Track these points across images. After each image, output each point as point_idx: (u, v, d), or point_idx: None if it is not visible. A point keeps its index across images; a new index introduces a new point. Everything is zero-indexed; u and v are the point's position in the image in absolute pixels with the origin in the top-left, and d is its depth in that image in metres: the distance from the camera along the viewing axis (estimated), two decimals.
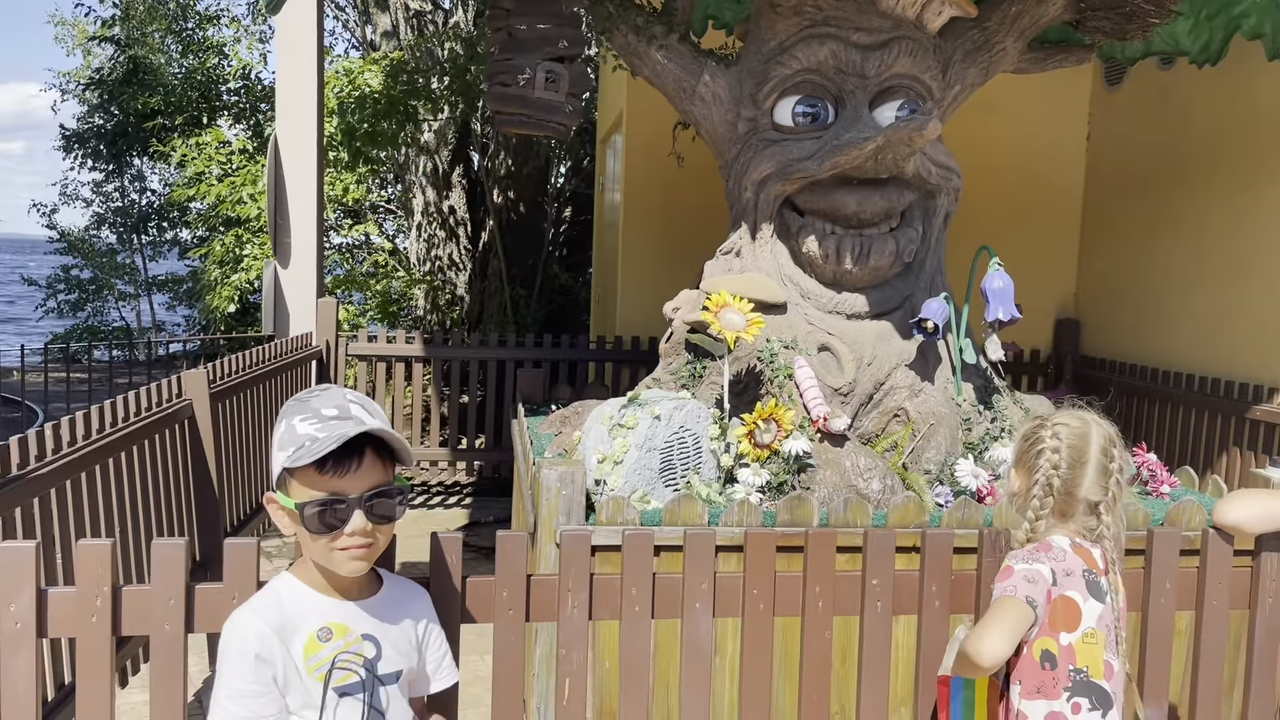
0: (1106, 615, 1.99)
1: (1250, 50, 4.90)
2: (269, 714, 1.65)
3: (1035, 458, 2.04)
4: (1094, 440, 2.02)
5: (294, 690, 1.66)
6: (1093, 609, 1.97)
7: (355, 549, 1.67)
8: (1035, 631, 1.97)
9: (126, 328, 15.96)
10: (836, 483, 3.48)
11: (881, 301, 4.07)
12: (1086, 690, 1.95)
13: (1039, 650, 1.97)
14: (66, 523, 3.01)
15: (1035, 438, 2.07)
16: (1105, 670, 1.97)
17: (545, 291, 11.02)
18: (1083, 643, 1.95)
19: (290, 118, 6.46)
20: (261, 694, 1.64)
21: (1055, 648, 1.96)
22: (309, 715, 1.67)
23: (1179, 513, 3.06)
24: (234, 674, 1.64)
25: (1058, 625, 1.96)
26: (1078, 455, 2.01)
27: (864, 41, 4.00)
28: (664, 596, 2.07)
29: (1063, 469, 2.01)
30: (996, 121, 6.65)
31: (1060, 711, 1.94)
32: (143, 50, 12.34)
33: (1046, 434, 2.05)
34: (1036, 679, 1.96)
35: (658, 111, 5.98)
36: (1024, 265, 5.64)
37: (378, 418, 1.71)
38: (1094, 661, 1.95)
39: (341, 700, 1.68)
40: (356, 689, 1.69)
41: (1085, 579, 1.98)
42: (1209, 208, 5.80)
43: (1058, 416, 2.08)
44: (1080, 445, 2.01)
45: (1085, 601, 1.97)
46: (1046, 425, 2.07)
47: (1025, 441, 2.10)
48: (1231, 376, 5.51)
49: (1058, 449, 2.02)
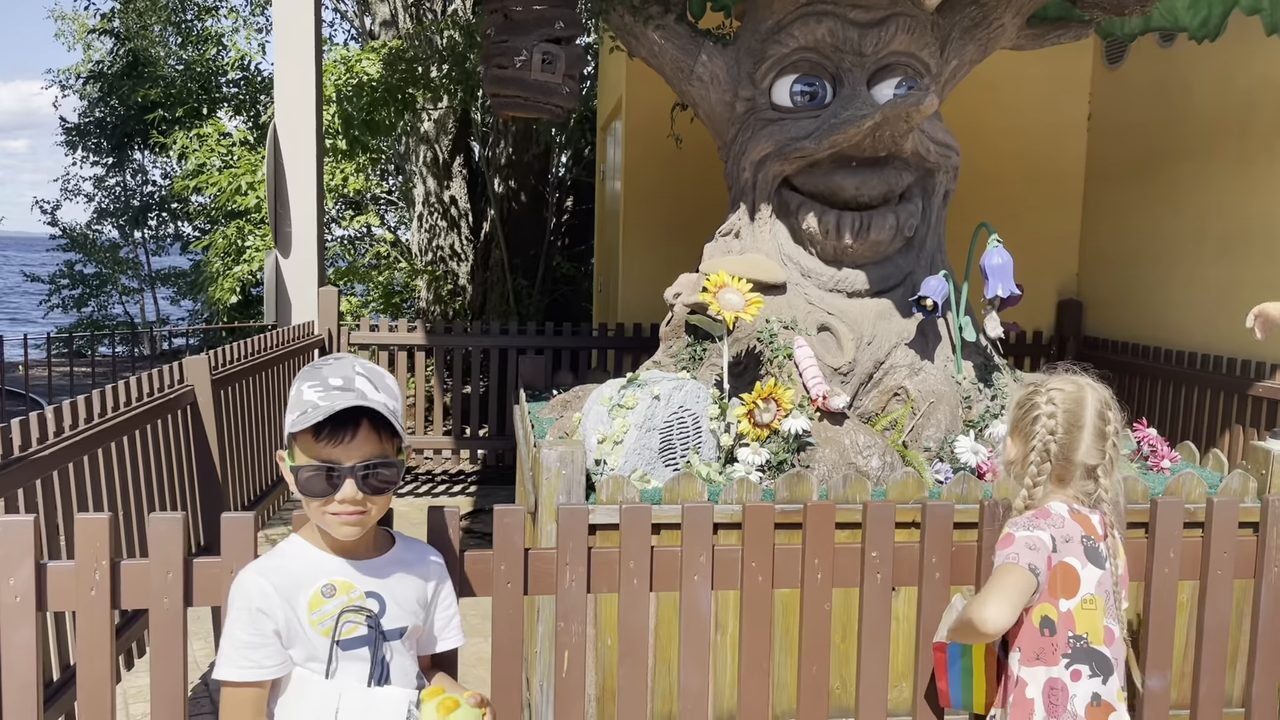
0: (1105, 580, 1.99)
1: (1249, 25, 4.88)
2: (269, 664, 1.70)
3: (1031, 424, 2.03)
4: (1089, 404, 2.01)
5: (299, 644, 1.71)
6: (1091, 575, 1.97)
7: (346, 515, 1.72)
8: (1036, 598, 1.96)
9: (131, 321, 16.00)
10: (836, 460, 3.48)
11: (882, 278, 4.06)
12: (1086, 657, 1.94)
13: (1038, 617, 1.96)
14: (69, 505, 3.02)
15: (1030, 404, 2.06)
16: (1105, 636, 1.96)
17: (547, 281, 11.02)
18: (1081, 608, 1.95)
19: (289, 107, 6.46)
20: (261, 645, 1.69)
21: (1055, 614, 1.95)
22: (315, 667, 1.72)
23: (1179, 484, 3.06)
24: (236, 626, 1.70)
25: (1057, 592, 1.96)
26: (1073, 419, 2.00)
27: (861, 19, 3.98)
28: (662, 569, 2.07)
29: (1059, 434, 2.00)
30: (997, 101, 6.63)
31: (1059, 678, 1.94)
32: (142, 43, 12.34)
33: (1041, 399, 2.04)
34: (1036, 645, 1.96)
35: (657, 97, 5.97)
36: (1026, 246, 5.63)
37: (384, 392, 1.74)
38: (1093, 628, 1.95)
39: (347, 653, 1.73)
40: (361, 643, 1.74)
41: (1084, 545, 1.98)
42: (1210, 186, 5.78)
43: (1051, 382, 2.07)
44: (1076, 409, 2.01)
45: (1084, 568, 1.97)
46: (1041, 391, 2.06)
47: (1020, 409, 2.08)
48: (1233, 354, 5.50)
49: (1053, 414, 2.01)
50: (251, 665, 1.69)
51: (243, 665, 1.69)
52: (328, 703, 1.71)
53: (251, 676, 1.69)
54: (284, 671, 1.72)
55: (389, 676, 1.77)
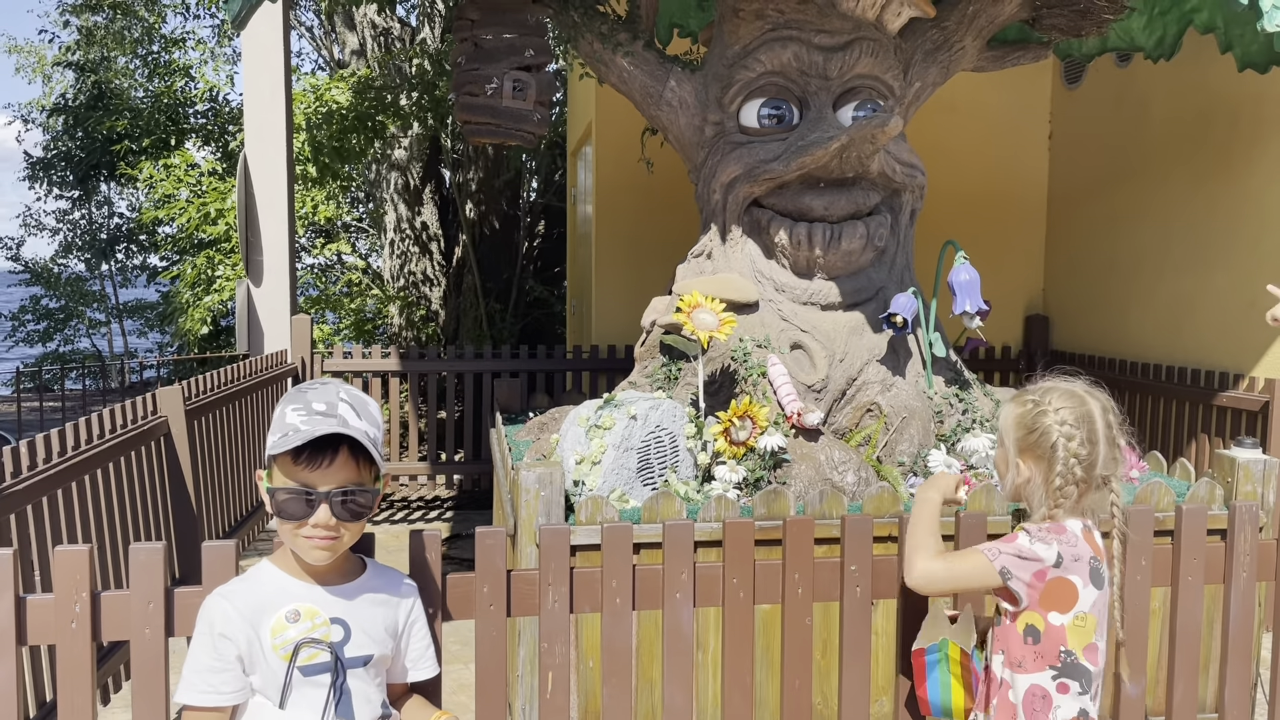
0: (1102, 601, 2.00)
1: (1204, 44, 5.01)
2: (228, 690, 1.70)
3: (1051, 449, 1.99)
4: (1098, 415, 2.01)
5: (259, 669, 1.72)
6: (1090, 595, 1.98)
7: (319, 539, 1.73)
8: (1023, 605, 1.98)
9: (98, 355, 15.82)
10: (812, 476, 3.52)
11: (855, 291, 4.11)
12: (1076, 673, 1.96)
13: (1023, 624, 1.98)
14: (44, 539, 2.99)
15: (1041, 427, 2.01)
16: (1089, 651, 1.98)
17: (520, 304, 11.04)
18: (1074, 625, 1.96)
19: (259, 136, 6.47)
20: (221, 670, 1.70)
21: (1042, 624, 1.97)
22: (273, 694, 1.72)
23: (1148, 493, 3.11)
24: (199, 650, 1.72)
25: (1049, 605, 1.97)
26: (1091, 436, 1.99)
27: (826, 43, 4.05)
28: (645, 588, 2.09)
29: (1084, 454, 1.98)
30: (960, 122, 6.75)
31: (1043, 686, 1.96)
32: (106, 74, 12.29)
33: (1053, 420, 2.00)
34: (1020, 651, 1.98)
35: (627, 122, 6.03)
36: (992, 264, 5.72)
37: (366, 419, 1.76)
38: (1081, 644, 1.97)
39: (306, 680, 1.73)
40: (321, 670, 1.74)
41: (1090, 565, 1.99)
42: (1171, 201, 5.91)
43: (1053, 399, 2.03)
44: (1090, 425, 1.99)
45: (1084, 587, 1.98)
46: (1048, 411, 2.01)
47: (1029, 431, 2.03)
48: (1198, 365, 5.60)
49: (1072, 436, 1.98)
50: (210, 690, 1.69)
51: (203, 690, 1.70)
52: None
53: (210, 702, 1.70)
54: (244, 698, 1.73)
55: (349, 704, 1.77)
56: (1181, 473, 3.66)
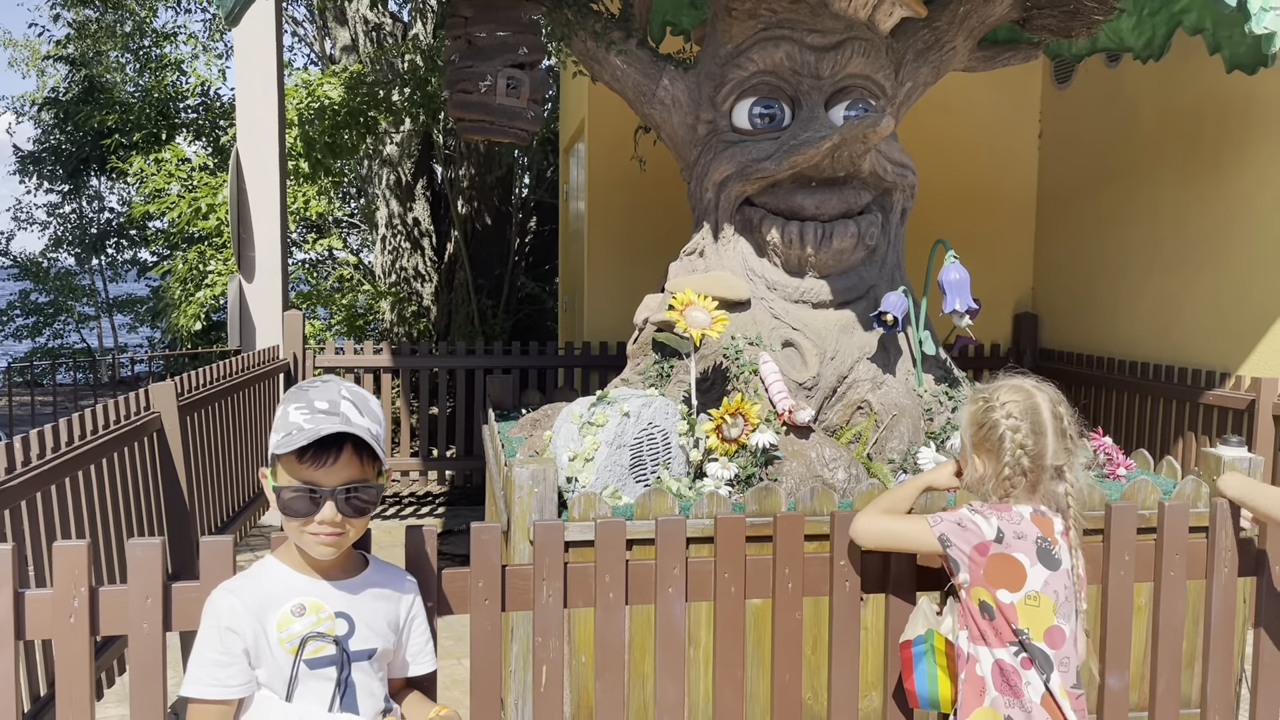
0: (1056, 581, 2.04)
1: (1193, 45, 5.05)
2: (234, 683, 1.72)
3: (998, 441, 2.07)
4: (1044, 407, 2.07)
5: (265, 662, 1.73)
6: (1039, 574, 2.03)
7: (325, 535, 1.75)
8: (968, 580, 2.04)
9: (88, 349, 15.78)
10: (803, 473, 3.55)
11: (846, 289, 4.14)
12: (1031, 651, 2.01)
13: (976, 599, 2.04)
14: (38, 535, 3.00)
15: (988, 421, 2.09)
16: (1051, 635, 2.02)
17: (512, 301, 11.05)
18: (1024, 604, 2.01)
19: (251, 131, 6.46)
20: (228, 664, 1.71)
21: (992, 601, 2.02)
22: (279, 688, 1.74)
23: (1134, 491, 3.16)
24: (205, 644, 1.73)
25: (996, 582, 2.02)
26: (1036, 426, 2.05)
27: (818, 43, 4.08)
28: (638, 582, 2.12)
29: (1029, 445, 2.05)
30: (950, 121, 6.79)
31: (1005, 660, 2.01)
32: (98, 69, 12.25)
33: (1000, 414, 2.07)
34: (979, 626, 2.04)
35: (619, 119, 6.05)
36: (982, 262, 5.76)
37: (368, 416, 1.78)
38: (1035, 624, 2.01)
39: (312, 673, 1.75)
40: (327, 663, 1.76)
41: (1037, 545, 2.04)
42: (1159, 200, 5.95)
43: (1000, 394, 2.10)
44: (1035, 416, 2.06)
45: (1032, 566, 2.03)
46: (995, 406, 2.09)
47: (979, 427, 2.11)
48: (1184, 364, 5.65)
49: (1017, 427, 2.05)
50: (217, 684, 1.71)
51: (209, 683, 1.71)
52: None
53: (217, 695, 1.71)
54: (249, 692, 1.74)
55: (354, 697, 1.79)
56: (1168, 471, 3.70)
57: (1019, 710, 1.99)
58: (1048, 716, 1.99)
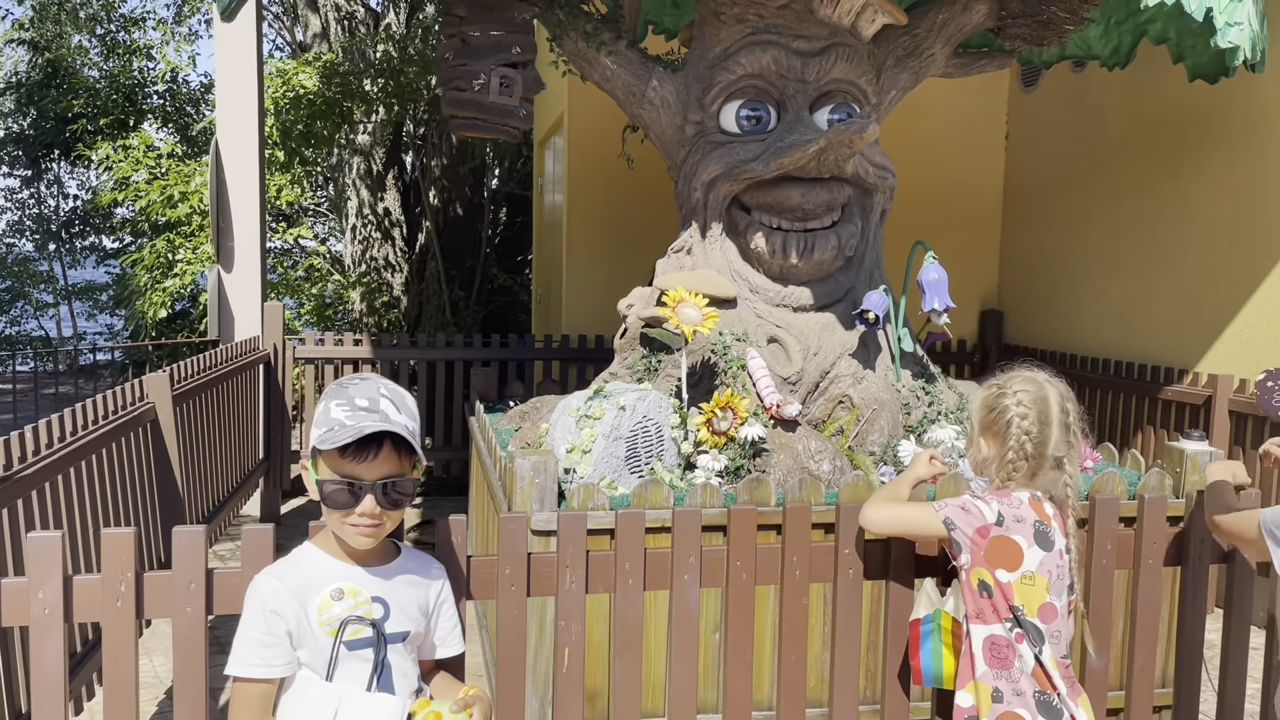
0: (1050, 562, 2.19)
1: (1157, 54, 5.26)
2: (278, 663, 1.82)
3: (1005, 426, 2.20)
4: (1053, 400, 2.21)
5: (306, 644, 1.83)
6: (1035, 555, 2.18)
7: (364, 527, 1.85)
8: (969, 561, 2.18)
9: (46, 337, 15.54)
10: (790, 465, 3.69)
11: (825, 294, 4.29)
12: (1025, 627, 2.17)
13: (975, 579, 2.19)
14: (47, 526, 3.05)
15: (999, 407, 2.22)
16: (1044, 610, 2.17)
17: (484, 292, 11.09)
18: (1020, 583, 2.16)
19: (231, 122, 6.47)
20: (273, 645, 1.81)
21: (991, 580, 2.17)
22: (319, 668, 1.84)
23: (1103, 482, 3.33)
24: (250, 626, 1.82)
25: (995, 562, 2.17)
26: (1043, 416, 2.19)
27: (804, 48, 4.21)
28: (655, 570, 2.24)
29: (1034, 433, 2.19)
30: (920, 122, 6.96)
31: (999, 635, 2.17)
32: (61, 52, 12.06)
33: (1010, 401, 2.21)
34: (976, 605, 2.19)
35: (599, 114, 6.15)
36: (949, 259, 5.88)
37: (405, 414, 1.88)
38: (1029, 601, 2.16)
39: (351, 654, 1.85)
40: (364, 644, 1.87)
41: (1034, 528, 2.19)
42: (1121, 203, 6.18)
43: (1013, 384, 2.25)
44: (1043, 407, 2.20)
45: (1029, 548, 2.18)
46: (1007, 393, 2.23)
47: (990, 411, 2.24)
48: (1145, 360, 5.89)
49: (1025, 414, 2.19)
50: (261, 663, 1.80)
51: (254, 663, 1.80)
52: (327, 704, 1.83)
53: (261, 674, 1.81)
54: (291, 671, 1.84)
55: (390, 677, 1.90)
56: (1132, 463, 3.89)
57: (1006, 681, 2.14)
58: (1036, 685, 2.15)
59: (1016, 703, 2.12)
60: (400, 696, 1.89)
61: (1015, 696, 2.12)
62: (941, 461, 2.43)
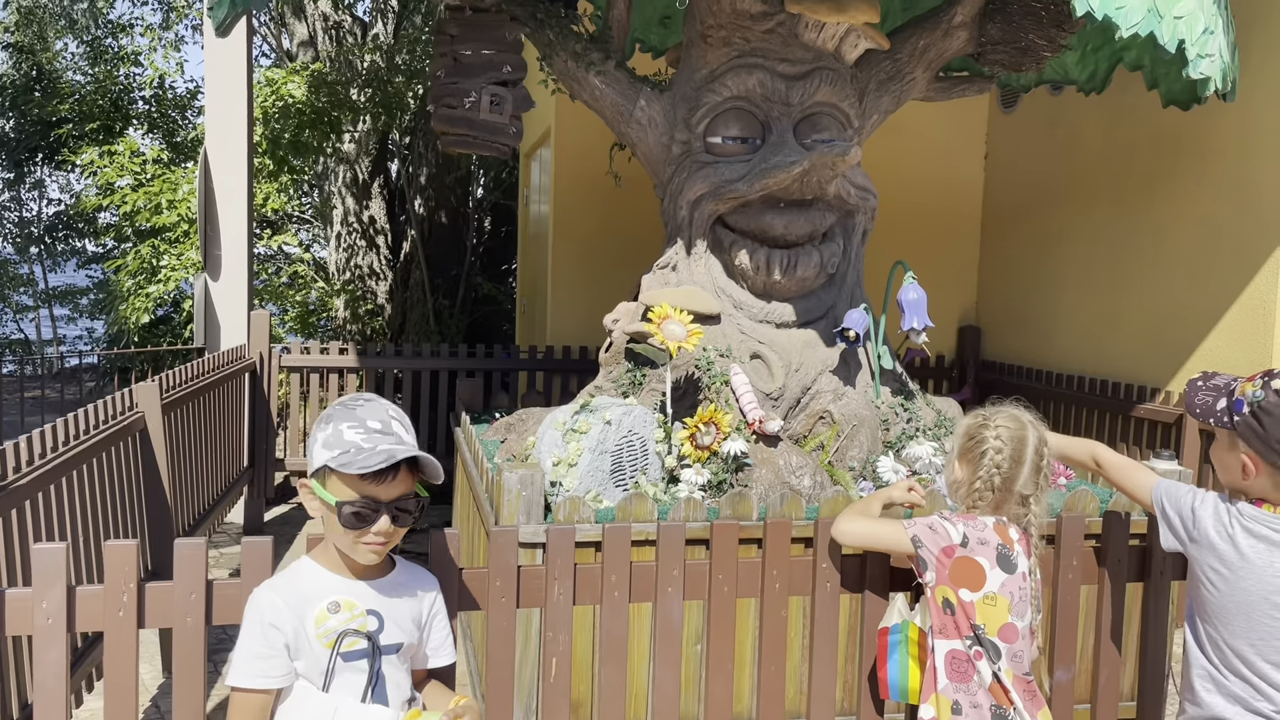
0: (1012, 584, 2.28)
1: (1132, 80, 5.40)
2: (276, 674, 1.88)
3: (980, 455, 2.31)
4: (1030, 442, 2.31)
5: (304, 656, 1.89)
6: (998, 576, 2.27)
7: (376, 544, 1.91)
8: (934, 579, 2.28)
9: (26, 340, 15.46)
10: (772, 480, 3.77)
11: (807, 311, 4.38)
12: (984, 645, 2.26)
13: (940, 596, 2.28)
14: (40, 538, 3.09)
15: (980, 437, 2.33)
16: (1005, 630, 2.27)
17: (468, 301, 11.14)
18: (983, 603, 2.26)
19: (220, 132, 6.51)
20: (271, 657, 1.87)
21: (954, 598, 2.26)
22: (316, 679, 1.90)
23: (1076, 500, 3.43)
24: (249, 638, 1.88)
25: (959, 581, 2.27)
26: (1017, 455, 2.30)
27: (788, 72, 4.31)
28: (640, 582, 2.31)
29: (1004, 467, 2.29)
30: (902, 144, 7.08)
31: (960, 651, 2.26)
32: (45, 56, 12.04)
33: (990, 434, 2.31)
34: (939, 620, 2.29)
35: (586, 128, 6.23)
36: (928, 277, 6.02)
37: (411, 434, 1.96)
38: (990, 621, 2.26)
39: (346, 665, 1.92)
40: (360, 656, 1.93)
41: (997, 551, 2.29)
42: (1097, 223, 6.32)
43: (997, 418, 2.35)
44: (1019, 447, 2.30)
45: (991, 569, 2.27)
46: (990, 426, 2.33)
47: (970, 439, 2.35)
48: (1118, 378, 6.02)
49: (1000, 449, 2.29)
50: (260, 675, 1.86)
51: (252, 674, 1.86)
52: (324, 714, 1.89)
53: (260, 684, 1.87)
54: (289, 682, 1.90)
55: (384, 688, 1.96)
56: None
57: (964, 694, 2.24)
58: (993, 699, 2.24)
59: (973, 715, 2.22)
60: (393, 707, 1.96)
61: (973, 709, 2.22)
62: (920, 495, 2.52)
